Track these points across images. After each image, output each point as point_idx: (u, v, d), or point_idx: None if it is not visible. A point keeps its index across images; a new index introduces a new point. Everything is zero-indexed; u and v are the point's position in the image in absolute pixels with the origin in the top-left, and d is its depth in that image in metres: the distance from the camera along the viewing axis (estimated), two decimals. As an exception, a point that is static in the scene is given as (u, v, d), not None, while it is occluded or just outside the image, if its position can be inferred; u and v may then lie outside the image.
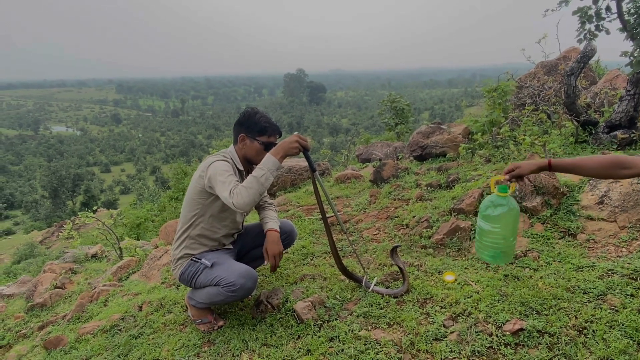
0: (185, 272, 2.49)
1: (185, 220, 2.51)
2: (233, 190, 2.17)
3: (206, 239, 2.53)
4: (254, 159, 2.50)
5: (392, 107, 11.13)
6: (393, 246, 2.54)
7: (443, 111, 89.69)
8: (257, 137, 2.46)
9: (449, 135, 4.24)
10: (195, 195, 2.46)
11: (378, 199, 3.77)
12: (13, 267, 18.52)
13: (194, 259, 2.49)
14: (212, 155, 2.50)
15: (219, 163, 2.36)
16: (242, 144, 2.49)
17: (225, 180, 2.25)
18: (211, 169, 2.34)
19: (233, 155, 2.51)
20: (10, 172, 73.35)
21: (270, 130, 2.48)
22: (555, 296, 2.07)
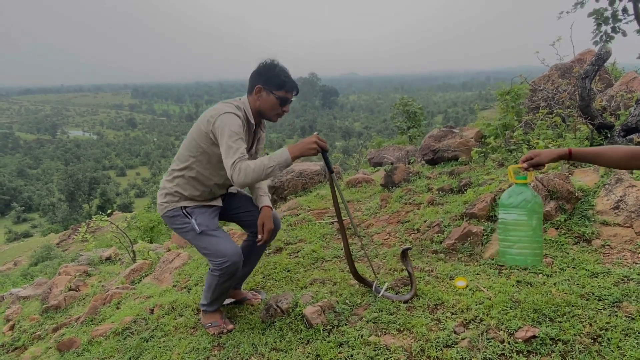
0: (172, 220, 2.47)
1: (183, 159, 2.46)
2: (237, 164, 2.15)
3: (199, 184, 2.47)
4: (267, 112, 2.44)
5: (404, 110, 11.08)
6: (403, 249, 2.51)
7: (457, 114, 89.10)
8: (275, 91, 2.38)
9: (461, 139, 4.20)
10: (198, 138, 2.38)
11: (389, 203, 3.75)
12: (30, 269, 18.85)
13: (185, 212, 2.43)
14: (225, 104, 2.39)
15: (231, 118, 2.27)
16: (258, 95, 2.41)
17: (233, 145, 2.20)
18: (221, 121, 2.26)
19: (246, 106, 2.43)
20: (29, 176, 74.80)
21: (288, 85, 2.39)
22: (569, 303, 2.03)
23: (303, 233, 3.72)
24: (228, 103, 2.40)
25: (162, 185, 2.55)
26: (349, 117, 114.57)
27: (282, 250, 3.49)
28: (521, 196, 1.96)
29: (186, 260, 3.86)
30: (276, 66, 2.40)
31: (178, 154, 2.51)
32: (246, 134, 2.41)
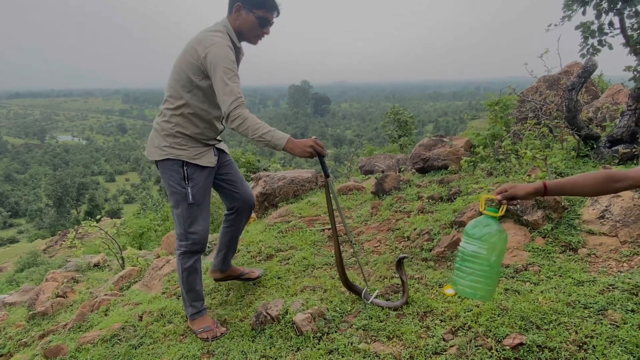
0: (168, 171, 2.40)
1: (177, 95, 2.34)
2: (237, 110, 2.11)
3: (199, 119, 2.39)
4: (246, 33, 2.34)
5: (395, 119, 11.19)
6: (400, 257, 2.51)
7: (447, 124, 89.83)
8: (254, 10, 2.28)
9: (450, 148, 4.26)
10: (188, 71, 2.27)
11: (379, 211, 3.77)
12: (16, 275, 18.54)
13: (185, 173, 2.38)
14: (211, 32, 2.25)
15: (223, 50, 2.17)
16: (237, 14, 2.31)
17: (229, 83, 2.13)
18: (214, 55, 2.16)
19: (229, 28, 2.32)
20: (16, 181, 73.79)
21: (268, 4, 2.29)
22: (555, 311, 2.06)
23: (294, 240, 3.73)
24: (215, 30, 2.28)
25: (160, 127, 2.42)
26: (341, 125, 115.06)
27: (272, 257, 3.50)
28: (486, 229, 1.85)
29: (176, 267, 3.84)
30: None
31: (169, 90, 2.39)
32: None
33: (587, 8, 8.80)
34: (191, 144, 2.42)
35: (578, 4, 9.06)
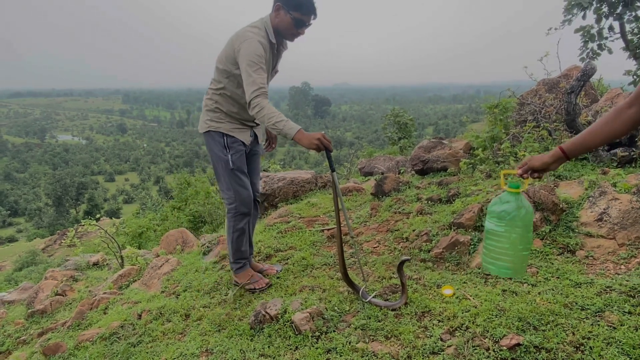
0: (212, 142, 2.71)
1: (217, 80, 2.65)
2: (257, 99, 2.34)
3: (234, 101, 2.66)
4: (283, 31, 2.53)
5: (395, 121, 11.20)
6: (402, 259, 2.52)
7: (447, 126, 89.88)
8: (291, 11, 2.44)
9: (450, 150, 4.27)
10: (227, 61, 2.54)
11: (379, 212, 3.78)
12: (14, 274, 18.54)
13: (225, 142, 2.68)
14: (250, 28, 2.50)
15: (252, 45, 2.39)
16: (277, 13, 2.49)
17: (252, 74, 2.36)
18: (244, 49, 2.40)
19: (267, 25, 2.53)
20: (16, 180, 73.75)
21: (305, 8, 2.45)
22: (552, 312, 2.07)
23: (293, 240, 3.74)
24: (253, 26, 2.51)
25: (205, 104, 2.77)
26: (341, 126, 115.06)
27: (271, 257, 3.50)
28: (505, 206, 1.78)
29: (175, 266, 3.86)
30: None
31: (214, 74, 2.70)
32: (270, 55, 2.55)
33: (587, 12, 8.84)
34: (228, 120, 2.72)
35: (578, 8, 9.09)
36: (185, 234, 4.65)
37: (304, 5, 2.44)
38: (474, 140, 4.22)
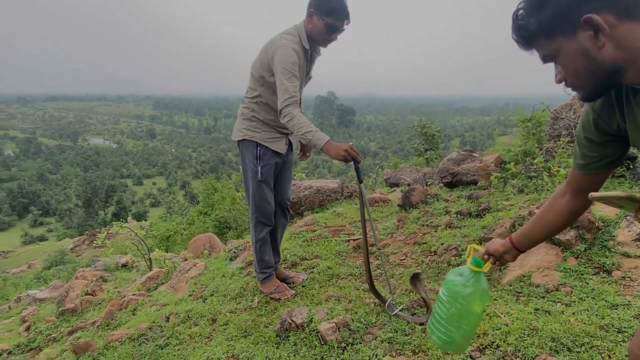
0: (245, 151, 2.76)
1: (253, 88, 2.69)
2: (287, 107, 2.38)
3: (270, 108, 2.67)
4: (316, 37, 2.54)
5: (422, 132, 11.12)
6: (413, 273, 2.50)
7: (474, 139, 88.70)
8: (324, 17, 2.45)
9: (480, 164, 4.21)
10: (261, 69, 2.58)
11: (406, 224, 3.76)
12: (43, 272, 19.13)
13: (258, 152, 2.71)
14: (283, 35, 2.53)
15: (286, 52, 2.42)
16: (310, 19, 2.51)
17: (285, 82, 2.39)
18: (278, 56, 2.43)
19: (301, 31, 2.55)
20: (48, 181, 76.31)
21: (338, 13, 2.44)
22: (588, 333, 2.01)
23: (319, 249, 3.74)
24: (286, 33, 2.54)
25: (241, 112, 2.81)
26: (365, 136, 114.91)
27: (297, 265, 3.52)
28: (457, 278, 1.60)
29: (202, 271, 3.91)
30: None
31: (249, 82, 2.74)
32: (304, 61, 2.57)
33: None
34: (264, 129, 2.73)
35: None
36: (213, 239, 4.72)
37: (336, 11, 2.44)
38: (505, 154, 4.15)
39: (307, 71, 2.71)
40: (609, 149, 1.17)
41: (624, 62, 0.94)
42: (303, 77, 2.69)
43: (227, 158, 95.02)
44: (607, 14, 0.91)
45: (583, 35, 0.95)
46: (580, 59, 0.98)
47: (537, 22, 0.99)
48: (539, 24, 0.99)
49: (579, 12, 0.93)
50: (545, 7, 0.97)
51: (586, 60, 0.98)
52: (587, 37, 0.94)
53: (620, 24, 0.91)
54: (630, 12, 0.91)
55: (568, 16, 0.95)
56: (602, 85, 1.02)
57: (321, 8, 2.45)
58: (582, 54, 0.97)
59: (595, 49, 0.95)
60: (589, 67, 0.98)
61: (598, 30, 0.92)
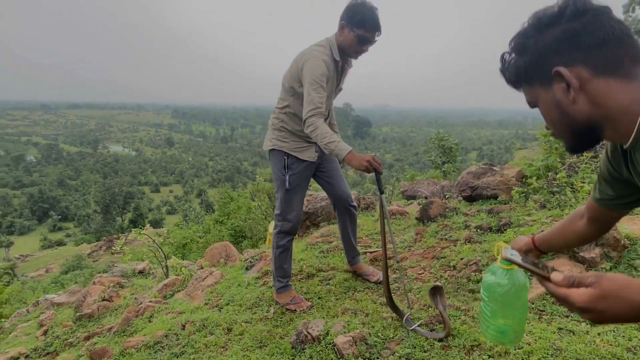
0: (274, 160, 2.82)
1: (283, 98, 2.74)
2: (312, 118, 2.43)
3: (298, 119, 2.70)
4: (347, 49, 2.57)
5: (439, 145, 11.04)
6: (434, 285, 2.47)
7: (492, 152, 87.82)
8: (355, 29, 2.47)
9: (501, 178, 4.15)
10: (291, 80, 2.63)
11: (424, 238, 3.71)
12: (61, 277, 19.43)
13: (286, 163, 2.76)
14: (314, 46, 2.59)
15: (315, 64, 2.48)
16: (341, 31, 2.55)
17: (312, 93, 2.45)
18: (307, 67, 2.49)
19: (332, 43, 2.59)
20: (68, 186, 77.83)
21: (369, 25, 2.46)
22: (614, 355, 1.94)
23: (335, 261, 3.71)
24: (318, 45, 2.60)
25: (271, 123, 2.87)
26: (381, 148, 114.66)
27: (313, 277, 3.49)
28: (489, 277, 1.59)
29: (218, 279, 3.91)
30: (362, 4, 2.48)
31: (280, 94, 2.80)
32: (334, 73, 2.62)
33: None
34: (292, 138, 2.78)
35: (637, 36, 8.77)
36: (229, 248, 4.73)
37: (367, 23, 2.46)
38: (526, 168, 4.09)
39: (337, 83, 2.74)
40: (624, 191, 1.13)
41: (600, 119, 0.90)
42: (333, 89, 2.73)
43: (243, 167, 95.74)
44: (582, 68, 0.87)
45: (557, 87, 0.92)
46: (555, 111, 0.95)
47: (516, 68, 0.98)
48: (517, 69, 0.98)
49: (552, 63, 0.90)
50: (524, 53, 0.95)
51: (559, 113, 0.95)
52: (561, 90, 0.91)
53: (595, 79, 0.87)
54: (608, 68, 0.87)
55: (542, 66, 0.92)
56: (581, 140, 0.99)
57: (352, 20, 2.48)
58: (555, 106, 0.94)
59: (567, 103, 0.91)
60: (563, 120, 0.95)
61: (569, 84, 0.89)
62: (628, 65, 0.86)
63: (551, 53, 0.90)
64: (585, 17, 0.88)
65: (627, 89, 0.86)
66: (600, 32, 0.87)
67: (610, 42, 0.86)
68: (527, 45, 0.94)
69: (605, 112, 0.88)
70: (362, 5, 2.48)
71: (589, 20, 0.87)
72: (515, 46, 0.98)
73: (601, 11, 0.88)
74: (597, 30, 0.87)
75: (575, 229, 1.32)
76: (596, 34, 0.87)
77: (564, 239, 1.39)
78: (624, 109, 0.85)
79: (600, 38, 0.86)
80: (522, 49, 0.96)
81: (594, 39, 0.87)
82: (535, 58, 0.93)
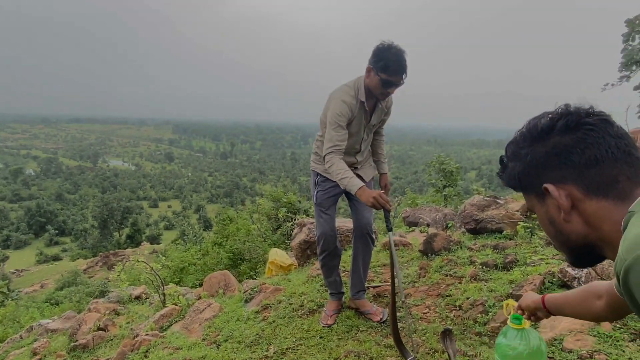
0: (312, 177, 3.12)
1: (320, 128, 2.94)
2: (329, 155, 2.64)
3: None
4: (374, 91, 2.68)
5: (440, 169, 11.01)
6: (444, 328, 2.40)
7: (491, 172, 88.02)
8: (379, 72, 2.56)
9: (505, 212, 4.10)
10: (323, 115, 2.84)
11: (428, 273, 3.63)
12: (55, 293, 19.18)
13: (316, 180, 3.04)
14: (343, 86, 2.78)
15: (336, 105, 2.68)
16: (368, 74, 2.66)
17: (331, 132, 2.66)
18: (330, 107, 2.72)
19: (360, 84, 2.73)
20: (66, 200, 77.62)
21: (392, 70, 2.55)
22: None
23: (337, 295, 3.63)
24: (346, 85, 2.77)
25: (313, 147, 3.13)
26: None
27: (314, 313, 3.40)
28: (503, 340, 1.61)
29: (217, 313, 3.82)
30: (388, 49, 2.56)
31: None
32: (360, 111, 2.77)
33: (646, 70, 8.47)
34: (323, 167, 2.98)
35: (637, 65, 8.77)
36: (228, 277, 4.64)
37: (390, 67, 2.54)
38: (531, 202, 4.03)
39: (367, 120, 2.87)
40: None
41: (597, 240, 0.84)
42: (362, 126, 2.86)
43: (242, 183, 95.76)
44: (573, 187, 0.82)
45: (550, 202, 0.87)
46: (549, 226, 0.91)
47: (511, 175, 0.93)
48: (512, 177, 0.93)
49: (542, 178, 0.86)
50: (517, 161, 0.91)
51: (554, 230, 0.90)
52: (553, 206, 0.86)
53: (588, 200, 0.81)
54: (601, 189, 0.81)
55: (533, 179, 0.88)
56: (581, 258, 0.92)
57: (377, 64, 2.57)
58: (549, 222, 0.90)
59: (560, 221, 0.86)
60: (558, 237, 0.90)
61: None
62: (624, 185, 0.80)
63: (541, 168, 0.86)
64: (577, 133, 0.82)
65: (622, 212, 0.79)
66: (592, 150, 0.81)
67: (604, 162, 0.80)
68: (519, 155, 0.90)
69: (600, 234, 0.83)
70: (387, 50, 2.56)
71: (580, 137, 0.82)
72: (510, 154, 0.94)
73: (597, 126, 0.82)
74: (590, 148, 0.81)
75: (591, 308, 1.23)
76: (588, 152, 0.81)
77: (576, 312, 1.32)
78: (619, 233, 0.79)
79: (593, 157, 0.81)
80: (515, 157, 0.92)
81: (585, 158, 0.81)
82: (527, 170, 0.89)
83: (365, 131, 2.93)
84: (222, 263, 8.40)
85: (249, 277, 7.06)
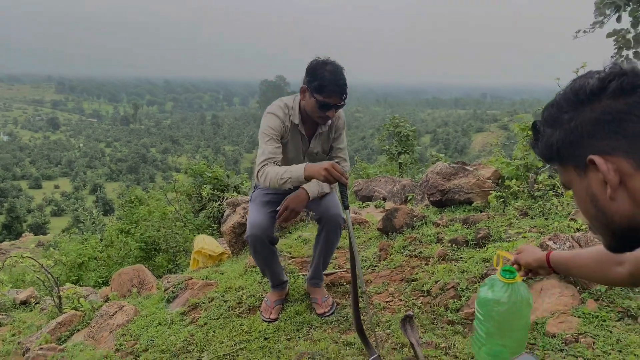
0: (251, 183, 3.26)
1: None
2: (262, 168, 2.67)
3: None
4: (310, 114, 2.75)
5: (395, 132, 11.23)
6: (405, 315, 2.46)
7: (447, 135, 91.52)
8: (315, 94, 2.61)
9: (476, 180, 4.23)
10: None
11: (390, 255, 3.70)
12: None
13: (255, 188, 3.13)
14: (277, 101, 2.89)
15: (268, 119, 2.79)
16: (302, 95, 2.75)
17: (262, 145, 2.75)
18: (262, 121, 2.83)
19: (295, 104, 2.84)
20: None
21: (328, 90, 2.58)
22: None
23: (283, 287, 3.61)
24: (280, 99, 2.89)
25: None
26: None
27: (256, 311, 3.36)
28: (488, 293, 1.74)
29: (132, 317, 3.68)
30: (322, 66, 2.62)
31: None
32: (289, 133, 2.85)
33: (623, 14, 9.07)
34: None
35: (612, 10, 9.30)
36: (143, 273, 4.48)
37: (326, 88, 2.57)
38: (504, 167, 4.20)
39: (305, 147, 2.94)
40: None
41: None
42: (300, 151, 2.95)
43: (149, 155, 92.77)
44: (623, 159, 0.82)
45: (593, 176, 0.87)
46: (590, 205, 0.92)
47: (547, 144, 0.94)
48: (548, 146, 0.93)
49: (587, 148, 0.86)
50: (557, 128, 0.90)
51: (595, 209, 0.91)
52: (597, 181, 0.87)
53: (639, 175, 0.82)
54: None
55: (576, 149, 0.88)
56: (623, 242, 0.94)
57: (311, 84, 2.62)
58: (590, 199, 0.91)
59: (604, 198, 0.87)
60: (598, 217, 0.92)
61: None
62: None
63: (587, 136, 0.85)
64: (633, 97, 0.82)
65: None
66: None
67: None
68: (561, 121, 0.89)
69: None
70: (322, 67, 2.61)
71: (636, 102, 0.82)
72: (547, 118, 0.93)
73: None
74: None
75: (609, 274, 1.31)
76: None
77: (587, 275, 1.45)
78: None
79: None
80: (554, 123, 0.91)
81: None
82: (569, 138, 0.88)
83: (307, 158, 2.98)
84: (132, 255, 8.12)
85: (167, 272, 6.88)
